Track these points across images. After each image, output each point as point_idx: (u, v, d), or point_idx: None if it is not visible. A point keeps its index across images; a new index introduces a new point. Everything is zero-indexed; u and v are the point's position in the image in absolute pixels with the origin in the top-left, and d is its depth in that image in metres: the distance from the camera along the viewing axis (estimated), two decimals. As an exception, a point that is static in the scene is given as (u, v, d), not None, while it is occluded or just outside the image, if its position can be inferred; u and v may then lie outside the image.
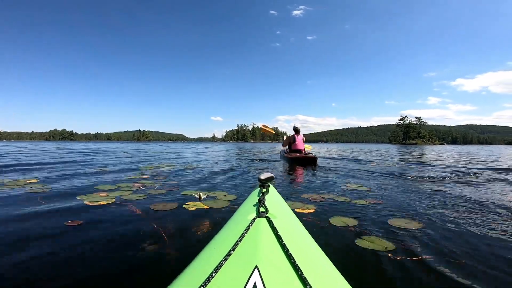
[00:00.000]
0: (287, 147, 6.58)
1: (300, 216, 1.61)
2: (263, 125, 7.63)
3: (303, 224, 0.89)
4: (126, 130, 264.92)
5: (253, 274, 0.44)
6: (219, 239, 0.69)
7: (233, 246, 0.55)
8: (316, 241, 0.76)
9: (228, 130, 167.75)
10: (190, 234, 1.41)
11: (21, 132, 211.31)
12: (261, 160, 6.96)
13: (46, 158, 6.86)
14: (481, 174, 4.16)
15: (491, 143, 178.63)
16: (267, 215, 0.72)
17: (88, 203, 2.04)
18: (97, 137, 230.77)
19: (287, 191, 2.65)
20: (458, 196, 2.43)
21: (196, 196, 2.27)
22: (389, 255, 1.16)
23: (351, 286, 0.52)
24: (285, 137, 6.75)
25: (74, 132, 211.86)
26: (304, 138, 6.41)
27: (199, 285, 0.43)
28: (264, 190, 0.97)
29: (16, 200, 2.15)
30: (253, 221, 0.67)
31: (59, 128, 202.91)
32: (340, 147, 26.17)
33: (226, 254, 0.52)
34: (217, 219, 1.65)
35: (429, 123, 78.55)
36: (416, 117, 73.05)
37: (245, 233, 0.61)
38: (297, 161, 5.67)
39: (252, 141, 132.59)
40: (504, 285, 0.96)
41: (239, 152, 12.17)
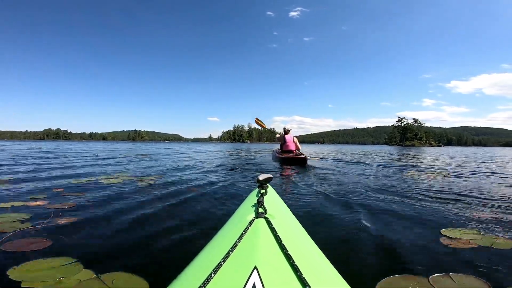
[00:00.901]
0: (279, 148, 6.65)
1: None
2: (257, 118, 7.40)
3: (302, 225, 0.90)
4: (122, 130, 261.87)
5: (252, 275, 0.45)
6: (218, 240, 0.69)
7: (232, 247, 0.56)
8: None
9: (225, 131, 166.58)
10: None
11: (15, 131, 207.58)
12: (251, 169, 5.20)
13: None
14: None
15: (485, 145, 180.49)
16: (266, 216, 0.72)
17: None
18: (92, 137, 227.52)
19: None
20: None
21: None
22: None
23: (350, 287, 0.52)
24: (278, 135, 6.81)
25: (69, 132, 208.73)
26: (296, 139, 6.39)
27: (198, 286, 0.43)
28: (263, 191, 0.98)
29: None
30: (252, 222, 0.68)
31: (54, 128, 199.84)
32: (342, 149, 25.34)
33: (225, 255, 0.52)
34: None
35: (425, 125, 78.31)
36: (414, 119, 73.39)
37: (244, 234, 0.61)
38: (288, 161, 5.75)
39: (249, 142, 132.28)
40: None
41: (232, 154, 11.25)
